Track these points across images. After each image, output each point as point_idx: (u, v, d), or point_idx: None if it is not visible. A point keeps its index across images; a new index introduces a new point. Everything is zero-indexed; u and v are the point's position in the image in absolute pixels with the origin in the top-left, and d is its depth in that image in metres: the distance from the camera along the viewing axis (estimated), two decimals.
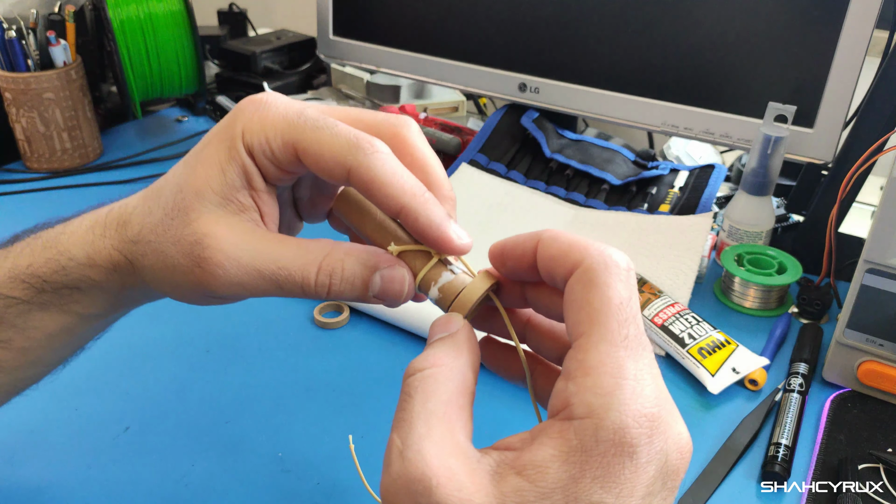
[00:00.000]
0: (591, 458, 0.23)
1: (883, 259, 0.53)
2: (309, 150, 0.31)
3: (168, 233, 0.33)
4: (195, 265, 0.32)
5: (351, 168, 0.30)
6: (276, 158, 0.32)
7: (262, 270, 0.32)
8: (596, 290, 0.26)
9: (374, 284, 0.32)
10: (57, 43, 0.87)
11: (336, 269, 0.32)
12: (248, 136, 0.32)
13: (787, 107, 0.70)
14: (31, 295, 0.36)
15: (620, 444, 0.23)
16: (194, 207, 0.32)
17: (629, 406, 0.24)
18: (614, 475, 0.23)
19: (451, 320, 0.30)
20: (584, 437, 0.23)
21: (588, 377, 0.24)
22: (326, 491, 0.48)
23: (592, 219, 0.78)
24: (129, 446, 0.51)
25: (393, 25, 0.97)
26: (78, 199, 0.87)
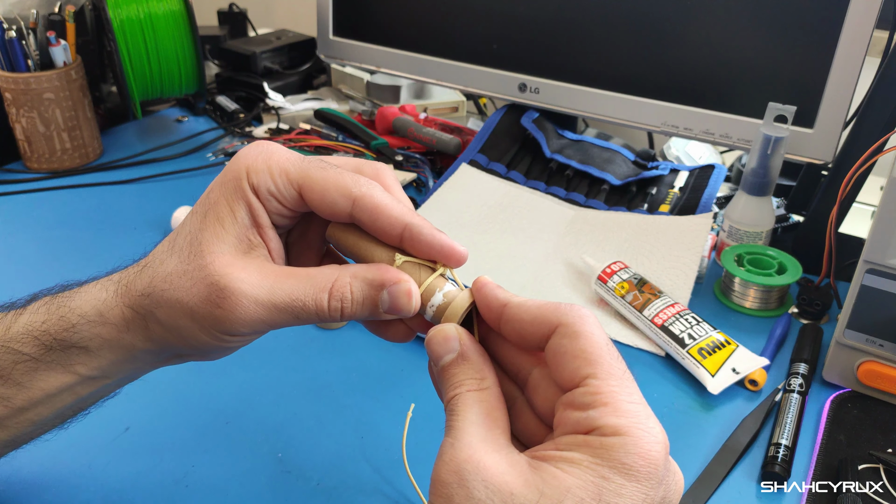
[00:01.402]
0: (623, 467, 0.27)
1: (883, 259, 0.53)
2: (315, 187, 0.34)
3: (184, 279, 0.34)
4: (215, 307, 0.33)
5: (356, 197, 0.34)
6: (281, 196, 0.34)
7: (279, 305, 0.33)
8: (584, 339, 0.30)
9: (383, 302, 0.34)
10: (57, 43, 0.87)
11: (345, 293, 0.34)
12: (252, 176, 0.34)
13: (787, 107, 0.70)
14: (41, 353, 0.37)
15: (649, 459, 0.27)
16: (210, 250, 0.34)
17: (654, 429, 0.28)
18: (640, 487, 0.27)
19: (446, 336, 0.33)
20: (614, 453, 0.27)
21: (608, 406, 0.28)
22: (326, 491, 0.48)
23: (592, 219, 0.78)
24: (129, 446, 0.51)
25: (393, 25, 0.97)
26: (78, 199, 0.87)
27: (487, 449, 0.29)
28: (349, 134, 0.99)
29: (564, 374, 0.30)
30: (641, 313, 0.63)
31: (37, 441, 0.48)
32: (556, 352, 0.30)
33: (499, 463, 0.28)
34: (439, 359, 0.33)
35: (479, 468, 0.28)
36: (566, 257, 0.73)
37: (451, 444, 0.29)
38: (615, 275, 0.66)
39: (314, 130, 0.99)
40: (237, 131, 1.02)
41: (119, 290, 0.37)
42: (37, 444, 0.50)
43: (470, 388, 0.31)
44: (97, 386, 0.39)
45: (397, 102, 1.07)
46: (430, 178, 0.89)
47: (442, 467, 0.29)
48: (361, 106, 1.06)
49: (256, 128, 1.03)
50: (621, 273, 0.66)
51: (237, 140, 1.00)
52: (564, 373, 0.30)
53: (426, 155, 0.95)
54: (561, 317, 0.31)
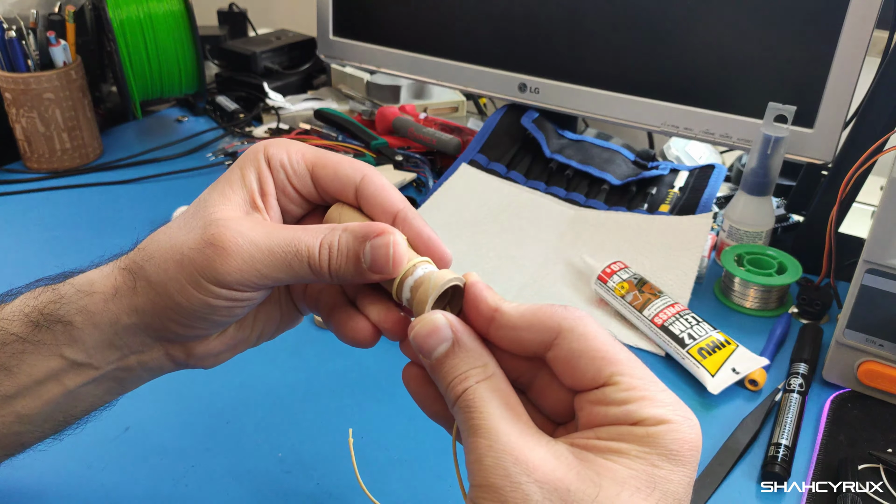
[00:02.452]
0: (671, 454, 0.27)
1: (883, 259, 0.53)
2: (328, 166, 0.37)
3: (183, 230, 0.35)
4: (209, 246, 0.33)
5: (365, 175, 0.37)
6: (291, 169, 0.37)
7: (274, 249, 0.34)
8: (594, 340, 0.30)
9: (365, 255, 0.34)
10: (57, 43, 0.87)
11: (333, 241, 0.34)
12: (269, 149, 0.37)
13: (787, 107, 0.70)
14: (28, 331, 0.36)
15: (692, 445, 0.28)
16: (214, 205, 0.35)
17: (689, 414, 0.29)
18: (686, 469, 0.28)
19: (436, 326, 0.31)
20: (663, 441, 0.28)
21: (646, 399, 0.28)
22: (326, 491, 0.48)
23: (592, 219, 0.78)
24: (129, 446, 0.51)
25: (393, 25, 0.97)
26: (78, 199, 0.87)
27: (529, 444, 0.28)
28: (349, 134, 0.99)
29: (585, 375, 0.30)
30: (641, 313, 0.63)
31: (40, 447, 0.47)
32: (568, 356, 0.30)
33: (546, 458, 0.27)
34: (431, 351, 0.31)
35: (528, 468, 0.27)
36: (566, 257, 0.73)
37: (490, 446, 0.28)
38: (615, 275, 0.66)
39: (314, 130, 0.99)
40: (237, 131, 1.02)
41: (118, 258, 0.37)
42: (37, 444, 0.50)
43: (478, 378, 0.30)
44: (84, 377, 0.37)
45: (397, 102, 1.07)
46: (430, 178, 0.89)
47: (488, 472, 0.27)
48: (361, 106, 1.06)
49: (256, 128, 1.03)
50: (621, 273, 0.66)
51: (237, 140, 1.00)
52: (585, 375, 0.30)
53: (426, 155, 0.95)
54: (561, 321, 0.30)
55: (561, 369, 0.31)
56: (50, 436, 0.40)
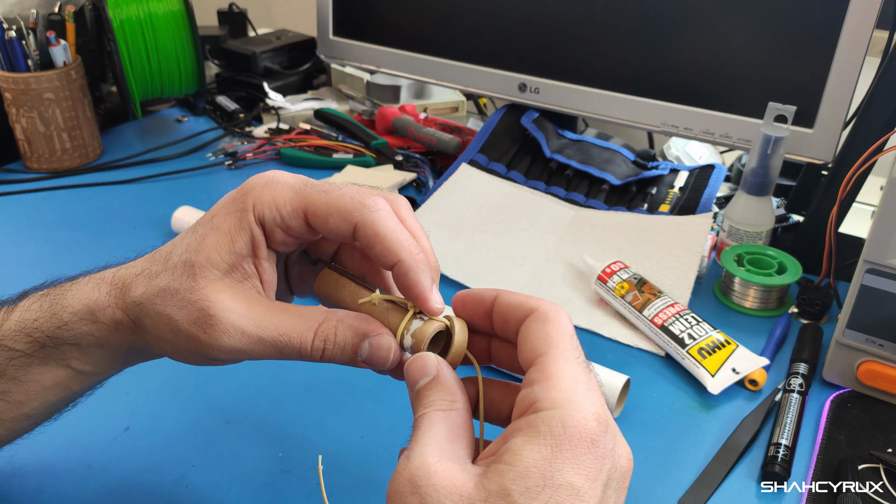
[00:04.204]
0: (561, 442, 0.27)
1: (883, 259, 0.53)
2: (318, 212, 0.35)
3: (174, 298, 0.35)
4: (201, 331, 0.34)
5: (357, 223, 0.34)
6: (285, 225, 0.35)
7: (265, 338, 0.34)
8: (551, 324, 0.31)
9: (362, 351, 0.35)
10: (57, 43, 0.87)
11: (329, 335, 0.35)
12: (258, 207, 0.35)
13: (787, 107, 0.70)
14: (34, 349, 0.38)
15: (584, 430, 0.27)
16: (203, 274, 0.34)
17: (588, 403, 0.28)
18: (580, 458, 0.27)
19: (425, 363, 0.33)
20: (551, 424, 0.27)
21: (550, 381, 0.29)
22: (327, 491, 0.48)
23: (592, 219, 0.78)
24: (129, 446, 0.51)
25: (393, 25, 0.97)
26: (78, 199, 0.87)
27: (442, 457, 0.29)
28: (349, 134, 0.99)
29: (525, 354, 0.31)
30: (641, 313, 0.63)
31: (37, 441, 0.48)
32: (523, 333, 0.32)
33: (452, 469, 0.28)
34: (415, 383, 0.33)
35: (430, 474, 0.28)
36: (566, 257, 0.73)
37: (407, 457, 0.29)
38: (615, 275, 0.66)
39: (314, 130, 0.99)
40: (237, 131, 1.02)
41: (112, 291, 0.37)
42: (36, 445, 0.50)
43: (438, 407, 0.31)
44: (89, 381, 0.39)
45: (397, 102, 1.07)
46: (430, 178, 0.89)
47: (396, 479, 0.29)
48: (361, 106, 1.06)
49: (256, 128, 1.03)
50: (621, 273, 0.66)
51: (237, 140, 1.00)
52: (525, 352, 0.31)
53: (426, 155, 0.95)
54: (538, 305, 0.32)
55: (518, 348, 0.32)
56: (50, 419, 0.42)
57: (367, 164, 0.93)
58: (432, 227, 0.77)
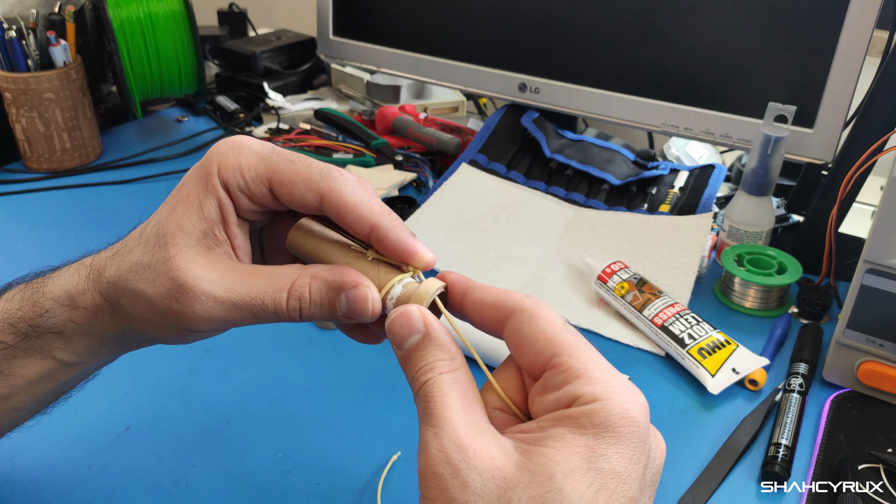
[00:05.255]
0: (604, 431, 0.27)
1: (883, 259, 0.53)
2: (283, 181, 0.34)
3: (146, 271, 0.34)
4: (174, 302, 0.33)
5: (324, 193, 0.33)
6: (250, 191, 0.35)
7: (238, 303, 0.33)
8: (541, 321, 0.30)
9: (340, 304, 0.34)
10: (57, 43, 0.87)
11: (304, 293, 0.34)
12: (223, 171, 0.34)
13: (787, 107, 0.70)
14: (18, 340, 0.37)
15: (627, 419, 0.27)
16: (175, 242, 0.34)
17: (627, 391, 0.28)
18: (623, 445, 0.27)
19: (410, 319, 0.31)
20: (595, 417, 0.27)
21: (581, 377, 0.28)
22: (326, 491, 0.48)
23: (592, 219, 0.78)
24: (129, 446, 0.51)
25: (393, 25, 0.97)
26: (78, 199, 0.87)
27: (474, 434, 0.28)
28: (349, 134, 0.99)
29: (529, 356, 0.30)
30: (641, 313, 0.63)
31: (37, 441, 0.48)
32: (517, 335, 0.31)
33: (489, 447, 0.28)
34: (403, 341, 0.31)
35: (469, 456, 0.27)
36: (566, 257, 0.73)
37: (436, 434, 0.28)
38: (615, 275, 0.66)
39: (314, 130, 0.99)
40: (237, 131, 1.02)
41: (91, 274, 0.37)
42: (36, 445, 0.50)
43: (442, 370, 0.30)
44: (76, 371, 0.39)
45: (397, 102, 1.07)
46: (430, 178, 0.89)
47: (431, 459, 0.28)
48: (361, 106, 1.06)
49: (256, 128, 1.03)
50: (621, 273, 0.66)
51: None
52: (530, 354, 0.30)
53: (426, 155, 0.95)
54: (517, 303, 0.31)
55: (513, 350, 0.31)
56: (40, 412, 0.42)
57: (367, 164, 0.93)
58: (432, 227, 0.77)
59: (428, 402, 0.30)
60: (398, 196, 0.83)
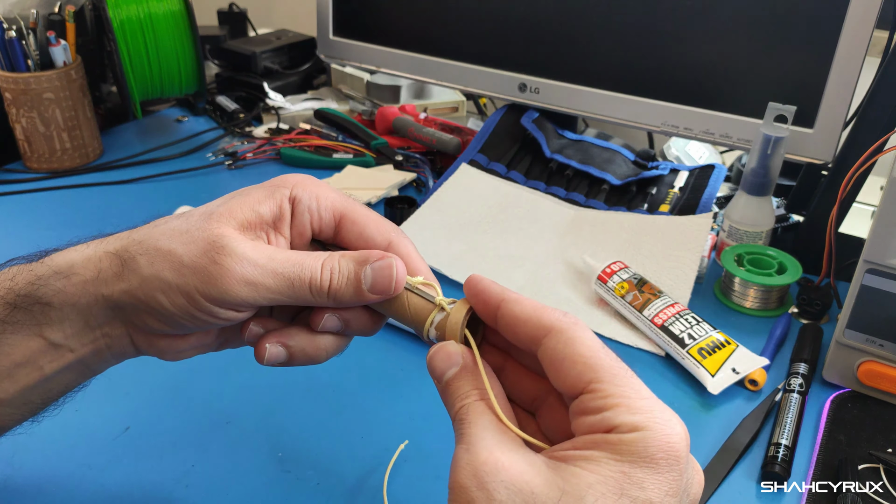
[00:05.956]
0: (641, 460, 0.27)
1: (883, 259, 0.53)
2: (357, 223, 0.38)
3: (183, 236, 0.35)
4: (211, 262, 0.34)
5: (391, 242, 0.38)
6: (317, 214, 0.38)
7: (277, 269, 0.35)
8: (579, 344, 0.30)
9: (366, 277, 0.36)
10: (57, 43, 0.87)
11: (335, 265, 0.36)
12: (297, 190, 0.37)
13: (787, 107, 0.70)
14: (6, 313, 0.36)
15: (666, 450, 0.27)
16: (220, 220, 0.35)
17: (671, 421, 0.28)
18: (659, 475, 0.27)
19: (449, 352, 0.34)
20: (634, 447, 0.27)
21: (621, 406, 0.28)
22: (326, 491, 0.48)
23: (592, 219, 0.78)
24: (129, 446, 0.51)
25: (393, 25, 0.97)
26: (78, 199, 0.87)
27: (504, 449, 0.29)
28: (349, 134, 0.99)
29: (567, 379, 0.30)
30: (641, 313, 0.63)
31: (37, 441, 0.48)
32: (553, 356, 0.31)
33: (517, 462, 0.28)
34: (442, 375, 0.33)
35: (497, 469, 0.28)
36: (566, 257, 0.73)
37: (466, 450, 0.29)
38: (615, 275, 0.66)
39: (314, 130, 0.99)
40: (237, 131, 1.02)
41: (106, 240, 0.37)
42: (37, 445, 0.50)
43: (476, 397, 0.32)
44: (61, 362, 0.37)
45: (397, 102, 1.07)
46: (430, 178, 0.89)
47: (459, 472, 0.28)
48: (361, 106, 1.06)
49: (256, 128, 1.03)
50: (621, 273, 0.66)
51: (237, 140, 1.00)
52: (567, 378, 0.30)
53: (426, 155, 0.95)
54: (554, 321, 0.31)
55: (547, 370, 0.31)
56: (28, 419, 0.40)
57: (367, 164, 0.93)
58: (432, 227, 0.77)
59: (461, 424, 0.31)
60: (398, 196, 0.83)
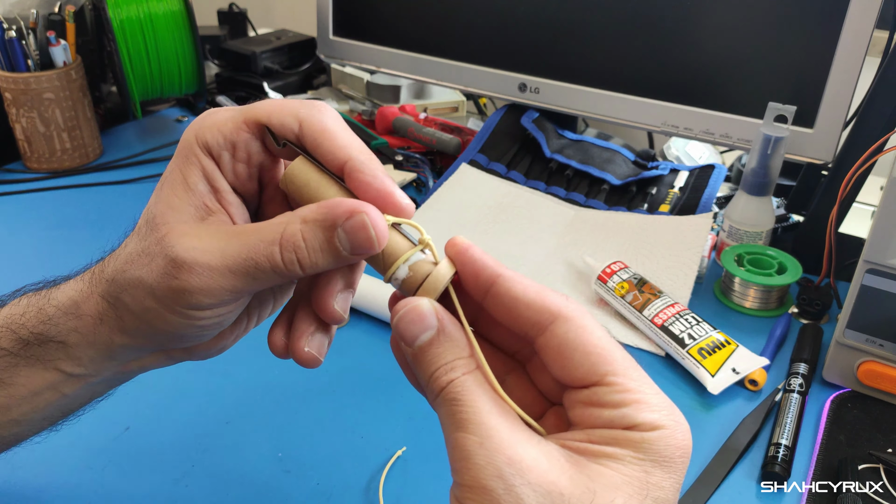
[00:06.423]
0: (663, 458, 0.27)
1: (883, 259, 0.53)
2: (260, 114, 0.33)
3: (141, 258, 0.32)
4: (171, 279, 0.31)
5: (303, 119, 0.32)
6: (230, 143, 0.33)
7: (231, 266, 0.31)
8: (592, 334, 0.28)
9: (341, 241, 0.30)
10: (57, 43, 0.87)
11: (297, 241, 0.30)
12: (200, 135, 0.33)
13: (787, 107, 0.70)
14: (19, 347, 0.35)
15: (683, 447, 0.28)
16: (165, 221, 0.32)
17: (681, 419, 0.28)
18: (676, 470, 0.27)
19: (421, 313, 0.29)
20: (655, 446, 0.27)
21: (641, 403, 0.27)
22: (326, 491, 0.48)
23: (592, 219, 0.78)
24: (129, 446, 0.51)
25: (393, 25, 0.97)
26: (78, 199, 0.87)
27: (521, 443, 0.27)
28: None
29: (579, 369, 0.28)
30: (641, 313, 0.63)
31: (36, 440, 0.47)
32: (563, 345, 0.28)
33: (539, 460, 0.26)
34: (414, 339, 0.29)
35: (522, 470, 0.26)
36: (566, 257, 0.73)
37: (481, 444, 0.26)
38: (615, 275, 0.66)
39: None
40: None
41: (93, 278, 0.35)
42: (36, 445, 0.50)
43: (465, 369, 0.28)
44: (82, 384, 0.37)
45: (397, 102, 1.07)
46: (430, 178, 0.89)
47: (480, 473, 0.26)
48: (361, 106, 1.06)
49: None
50: (621, 273, 0.66)
51: None
52: (579, 369, 0.28)
53: (426, 155, 0.95)
54: (561, 307, 0.29)
55: (551, 358, 0.29)
56: (47, 428, 0.40)
57: None
58: (432, 228, 0.77)
59: (459, 406, 0.28)
60: None
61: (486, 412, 0.27)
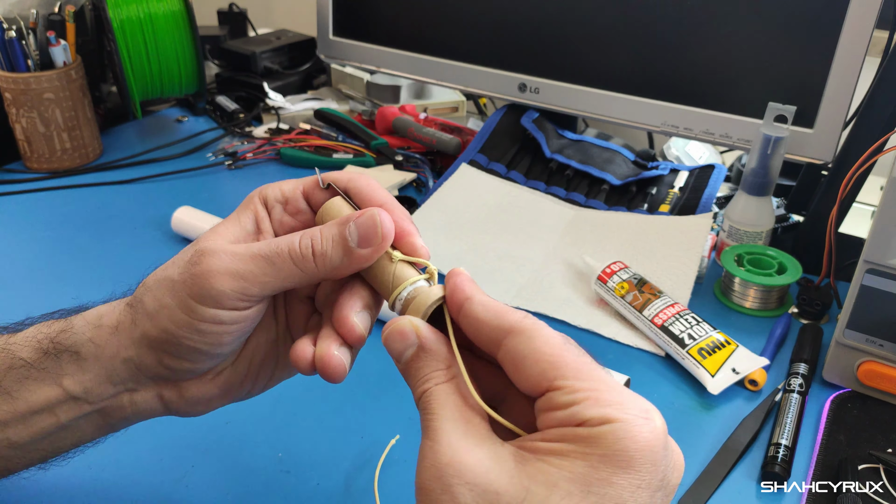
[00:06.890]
0: (611, 455, 0.26)
1: (883, 259, 0.53)
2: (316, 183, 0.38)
3: (177, 261, 0.36)
4: (194, 266, 0.34)
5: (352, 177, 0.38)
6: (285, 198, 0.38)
7: (255, 251, 0.35)
8: (539, 341, 0.29)
9: (351, 233, 0.34)
10: (57, 43, 0.87)
11: (314, 235, 0.35)
12: (263, 191, 0.39)
13: (787, 107, 0.70)
14: (36, 358, 0.37)
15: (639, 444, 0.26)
16: (206, 238, 0.36)
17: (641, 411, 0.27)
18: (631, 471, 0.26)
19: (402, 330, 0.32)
20: (603, 440, 0.26)
21: (590, 399, 0.27)
22: (326, 491, 0.48)
23: (592, 219, 0.78)
24: (130, 446, 0.51)
25: (393, 25, 0.97)
26: (78, 199, 0.87)
27: (469, 446, 0.28)
28: (349, 134, 0.99)
29: (530, 378, 0.29)
30: (641, 313, 0.63)
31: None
32: (515, 357, 0.30)
33: (482, 460, 0.27)
34: (400, 355, 0.32)
35: (461, 471, 0.27)
36: (566, 257, 0.73)
37: (431, 447, 0.28)
38: (615, 275, 0.66)
39: (314, 130, 0.99)
40: (237, 131, 1.02)
41: (128, 292, 0.38)
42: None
43: (438, 381, 0.31)
44: (76, 412, 0.38)
45: (397, 102, 1.07)
46: (430, 178, 0.89)
47: (424, 473, 0.28)
48: (361, 106, 1.06)
49: (256, 128, 1.03)
50: (621, 273, 0.66)
51: (237, 140, 1.00)
52: (530, 377, 0.29)
53: (426, 155, 0.95)
54: (514, 323, 0.30)
55: (510, 371, 0.30)
56: (36, 464, 0.40)
57: (367, 164, 0.93)
58: (432, 227, 0.77)
59: (426, 414, 0.30)
60: (398, 196, 0.83)
61: (445, 419, 0.29)
